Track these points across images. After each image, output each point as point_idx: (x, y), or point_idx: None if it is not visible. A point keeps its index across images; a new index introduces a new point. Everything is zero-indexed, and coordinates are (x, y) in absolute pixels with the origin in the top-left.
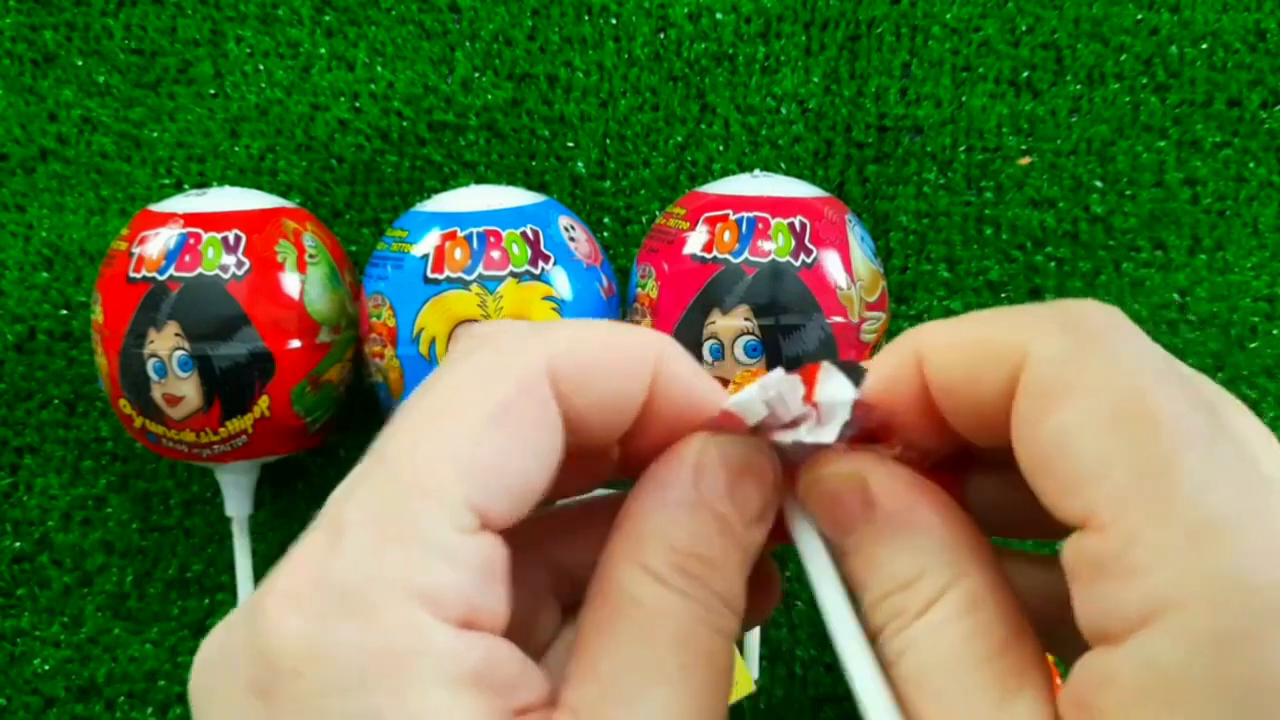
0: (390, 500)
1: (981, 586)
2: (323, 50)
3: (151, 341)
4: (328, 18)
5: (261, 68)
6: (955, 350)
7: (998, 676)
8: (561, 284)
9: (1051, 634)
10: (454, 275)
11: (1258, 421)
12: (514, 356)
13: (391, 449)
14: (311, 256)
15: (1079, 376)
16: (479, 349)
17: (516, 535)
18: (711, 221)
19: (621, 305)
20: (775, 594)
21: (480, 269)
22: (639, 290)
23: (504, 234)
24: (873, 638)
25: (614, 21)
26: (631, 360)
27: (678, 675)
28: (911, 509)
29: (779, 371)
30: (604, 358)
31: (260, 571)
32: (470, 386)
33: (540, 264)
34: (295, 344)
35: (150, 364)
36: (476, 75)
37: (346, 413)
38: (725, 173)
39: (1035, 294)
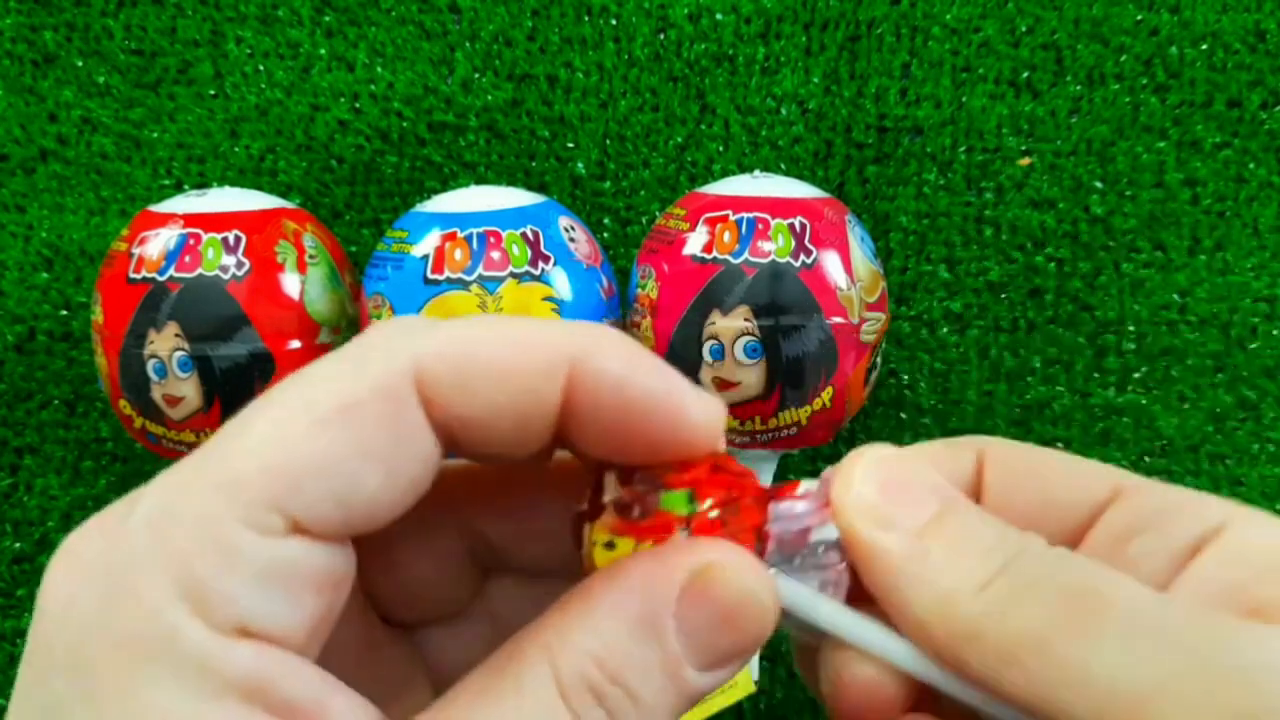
0: (190, 485)
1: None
2: (323, 51)
3: (151, 342)
4: (328, 18)
5: (261, 68)
6: (1031, 484)
7: (1090, 570)
8: (561, 284)
9: None
10: (454, 276)
11: None
12: (376, 354)
13: (218, 437)
14: (311, 257)
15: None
16: (348, 346)
17: (426, 497)
18: (711, 222)
19: (622, 306)
20: None
21: (480, 269)
22: (639, 291)
23: (504, 234)
24: (971, 592)
25: (614, 22)
26: (530, 360)
27: None
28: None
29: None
30: (489, 358)
31: None
32: (318, 383)
33: (540, 264)
34: (295, 344)
35: (150, 364)
36: (476, 76)
37: None
38: (725, 173)
39: (1035, 294)
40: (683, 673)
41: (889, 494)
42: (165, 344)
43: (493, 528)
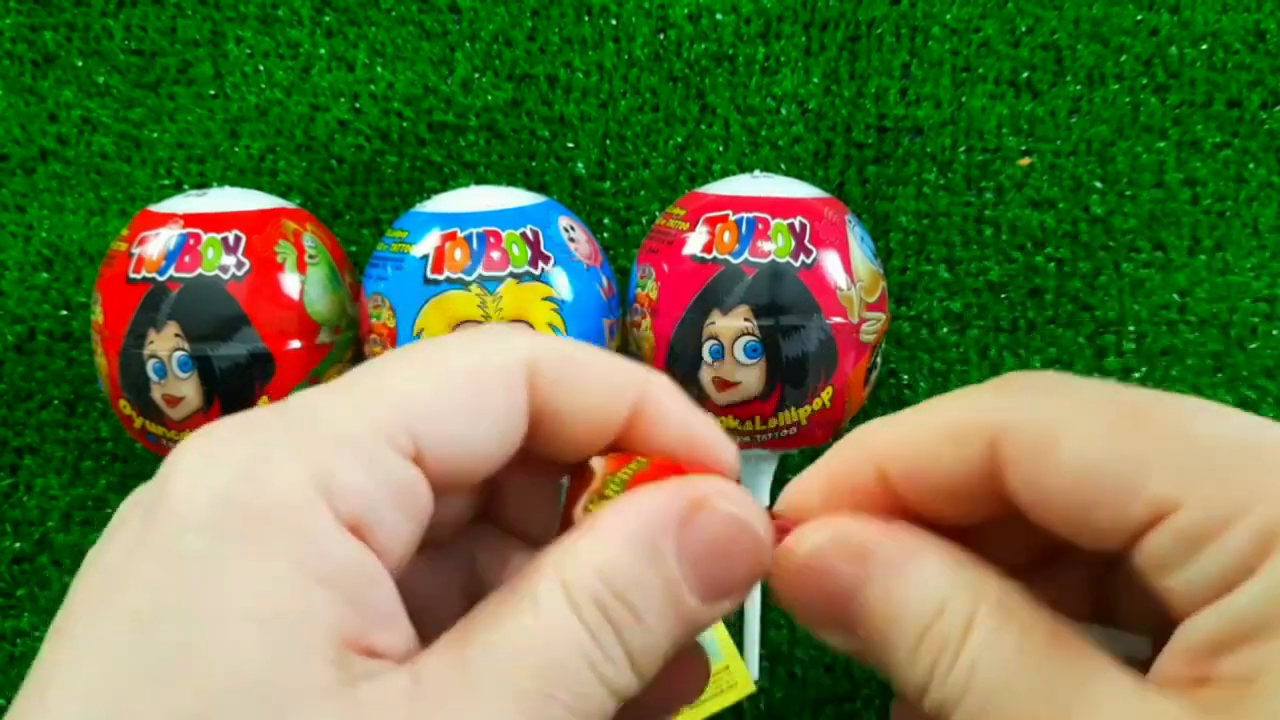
0: (331, 400)
1: (1003, 592)
2: (323, 51)
3: (151, 342)
4: (328, 18)
5: (261, 68)
6: (917, 447)
7: (1069, 662)
8: (561, 284)
9: None
10: (454, 276)
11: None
12: (499, 340)
13: (360, 371)
14: (311, 257)
15: (1062, 415)
16: (472, 332)
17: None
18: (711, 222)
19: (621, 305)
20: (699, 683)
21: (480, 269)
22: (639, 291)
23: (504, 234)
24: (920, 694)
25: (614, 22)
26: (615, 376)
27: (531, 700)
28: (904, 547)
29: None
30: (587, 365)
31: None
32: (449, 350)
33: (540, 264)
34: (295, 345)
35: (150, 364)
36: (476, 76)
37: None
38: (725, 173)
39: (1035, 294)
40: (684, 597)
41: (816, 603)
42: (165, 344)
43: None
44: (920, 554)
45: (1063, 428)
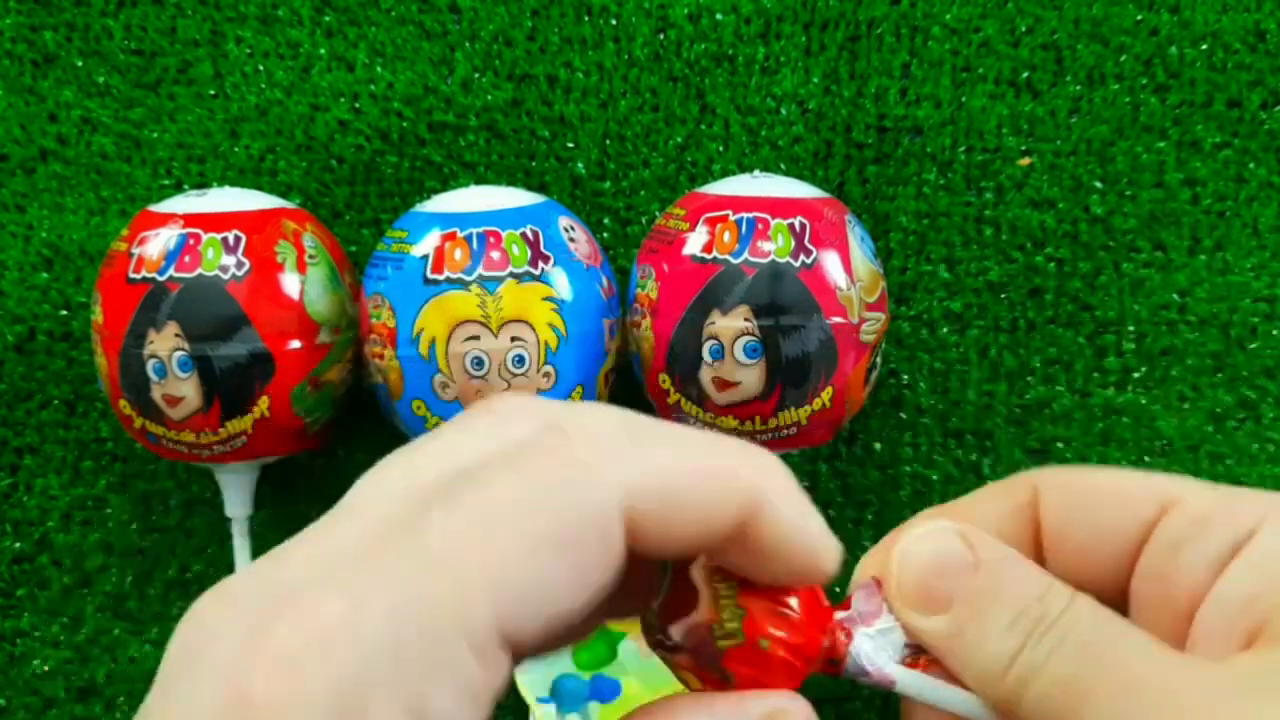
0: (420, 598)
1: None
2: (323, 51)
3: (151, 342)
4: (328, 18)
5: (261, 68)
6: (975, 504)
7: (1150, 645)
8: (561, 284)
9: None
10: (454, 276)
11: None
12: (592, 479)
13: (436, 537)
14: (311, 257)
15: (1094, 469)
16: (555, 449)
17: None
18: (711, 222)
19: (621, 306)
20: None
21: (480, 269)
22: (639, 291)
23: (504, 234)
24: (1001, 672)
25: (614, 22)
26: (723, 499)
27: None
28: (1012, 551)
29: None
30: (690, 495)
31: None
32: (535, 500)
33: (540, 264)
34: (295, 344)
35: (150, 364)
36: (476, 76)
37: (346, 413)
38: (725, 173)
39: (1035, 294)
40: None
41: (926, 580)
42: (165, 344)
43: None
44: (1026, 559)
45: (1095, 470)
